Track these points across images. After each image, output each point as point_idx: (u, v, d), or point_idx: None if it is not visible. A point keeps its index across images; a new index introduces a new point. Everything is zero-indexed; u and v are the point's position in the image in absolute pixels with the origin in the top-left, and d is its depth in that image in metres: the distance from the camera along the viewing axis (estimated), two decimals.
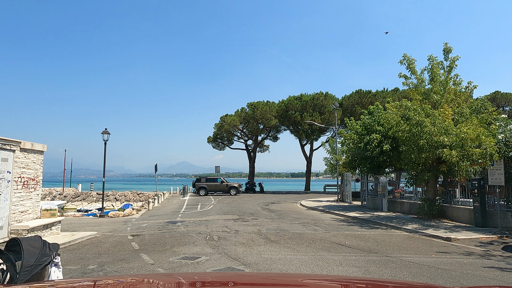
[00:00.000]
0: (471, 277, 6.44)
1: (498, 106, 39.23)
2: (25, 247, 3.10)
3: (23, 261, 2.97)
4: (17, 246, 3.11)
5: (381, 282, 2.37)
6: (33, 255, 3.10)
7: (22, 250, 3.07)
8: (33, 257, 3.12)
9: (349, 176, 25.86)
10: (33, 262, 3.10)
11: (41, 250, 3.23)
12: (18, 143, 10.12)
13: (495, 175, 12.43)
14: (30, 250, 3.11)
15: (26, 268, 2.99)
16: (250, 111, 42.78)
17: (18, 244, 3.09)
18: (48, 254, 3.28)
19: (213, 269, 7.00)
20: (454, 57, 14.52)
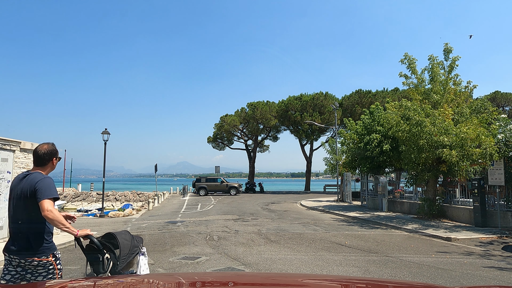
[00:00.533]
0: (471, 277, 6.44)
1: (498, 106, 39.25)
2: (120, 240, 3.65)
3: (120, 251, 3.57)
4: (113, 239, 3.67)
5: (381, 282, 2.37)
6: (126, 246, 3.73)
7: (118, 242, 3.63)
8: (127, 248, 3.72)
9: (349, 176, 25.86)
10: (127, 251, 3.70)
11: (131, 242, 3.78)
12: (18, 143, 10.12)
13: (495, 175, 12.43)
14: (124, 242, 3.71)
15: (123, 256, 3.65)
16: (250, 111, 42.79)
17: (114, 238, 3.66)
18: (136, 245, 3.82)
19: (213, 269, 7.01)
20: (455, 57, 14.53)
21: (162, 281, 2.22)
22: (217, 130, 45.71)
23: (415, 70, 15.04)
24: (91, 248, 3.63)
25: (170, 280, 2.29)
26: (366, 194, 21.99)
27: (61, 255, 8.17)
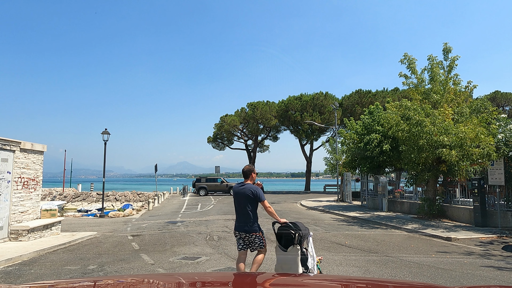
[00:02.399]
0: (471, 276, 6.44)
1: (498, 105, 39.25)
2: (300, 225, 5.47)
3: (301, 233, 5.33)
4: (296, 225, 5.42)
5: (381, 282, 2.37)
6: (304, 229, 5.50)
7: (299, 227, 5.43)
8: (305, 230, 5.48)
9: (349, 176, 25.86)
10: (305, 233, 5.44)
11: (304, 228, 5.52)
12: (18, 143, 10.12)
13: (495, 175, 12.43)
14: (302, 226, 5.51)
15: (304, 236, 5.41)
16: (250, 111, 42.78)
17: (296, 225, 5.42)
18: (307, 231, 5.58)
19: (213, 269, 7.01)
20: (454, 56, 14.53)
21: (162, 281, 2.22)
22: (217, 130, 45.70)
23: (415, 70, 15.04)
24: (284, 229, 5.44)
25: (170, 280, 2.29)
26: (366, 194, 21.99)
27: (61, 255, 8.13)
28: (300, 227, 5.38)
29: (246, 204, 5.31)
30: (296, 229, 5.33)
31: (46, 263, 7.63)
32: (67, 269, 7.07)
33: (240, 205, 5.39)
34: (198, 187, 33.83)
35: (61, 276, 6.58)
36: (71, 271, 6.92)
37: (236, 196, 5.49)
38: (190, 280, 2.23)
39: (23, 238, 9.74)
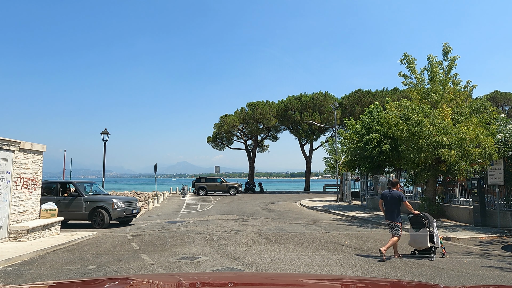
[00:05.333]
0: (471, 276, 6.45)
1: (497, 105, 39.27)
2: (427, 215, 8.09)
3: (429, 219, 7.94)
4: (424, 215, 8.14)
5: (381, 282, 2.38)
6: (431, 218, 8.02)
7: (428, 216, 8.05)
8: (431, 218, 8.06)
9: (349, 176, 25.87)
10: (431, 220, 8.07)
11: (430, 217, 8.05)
12: (18, 143, 10.11)
13: (495, 175, 12.44)
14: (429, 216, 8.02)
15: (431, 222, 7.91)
16: (250, 111, 42.79)
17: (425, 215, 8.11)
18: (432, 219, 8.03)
19: (213, 269, 7.00)
20: (453, 56, 14.53)
21: (162, 281, 2.22)
22: (216, 130, 45.69)
23: (415, 70, 15.04)
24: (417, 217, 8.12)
25: (170, 280, 2.29)
26: (366, 194, 22.00)
27: (60, 255, 8.15)
28: (428, 217, 8.02)
29: (393, 203, 8.07)
30: (426, 217, 8.02)
31: (45, 263, 7.62)
32: (67, 269, 7.07)
33: (388, 204, 8.15)
34: (197, 187, 33.82)
35: (61, 276, 6.58)
36: (71, 271, 6.91)
37: (385, 197, 8.28)
38: (190, 280, 2.23)
39: (22, 238, 9.73)
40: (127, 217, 13.97)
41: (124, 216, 13.58)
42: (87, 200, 13.38)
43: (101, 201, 13.30)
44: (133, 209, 14.13)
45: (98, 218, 13.11)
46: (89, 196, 13.77)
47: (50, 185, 14.22)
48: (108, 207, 13.12)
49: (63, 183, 14.61)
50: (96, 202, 13.28)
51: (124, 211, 13.43)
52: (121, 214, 13.29)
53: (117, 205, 13.18)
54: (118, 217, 13.31)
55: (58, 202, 13.14)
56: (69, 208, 13.37)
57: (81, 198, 13.39)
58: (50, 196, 13.66)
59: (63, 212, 13.19)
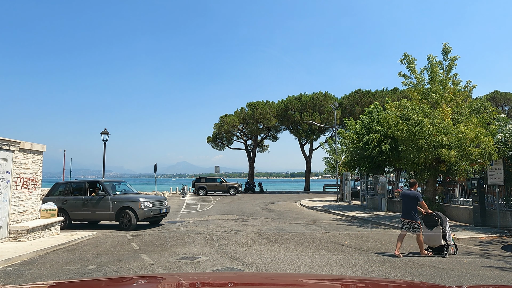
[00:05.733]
0: (471, 276, 6.45)
1: (497, 105, 39.29)
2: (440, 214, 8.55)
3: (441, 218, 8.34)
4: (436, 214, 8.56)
5: (380, 282, 2.38)
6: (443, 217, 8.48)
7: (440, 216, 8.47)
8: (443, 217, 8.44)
9: (349, 176, 25.86)
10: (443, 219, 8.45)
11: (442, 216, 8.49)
12: (17, 143, 10.11)
13: (495, 175, 12.44)
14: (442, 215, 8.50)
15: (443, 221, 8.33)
16: (250, 111, 42.79)
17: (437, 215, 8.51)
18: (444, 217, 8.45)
19: (212, 269, 7.00)
20: (453, 56, 14.53)
21: (162, 281, 2.22)
22: (216, 130, 45.69)
23: (414, 69, 15.04)
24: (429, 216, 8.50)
25: (170, 280, 2.29)
26: (366, 194, 22.00)
27: (60, 255, 8.15)
28: (440, 216, 8.41)
29: (410, 202, 8.41)
30: (438, 216, 8.41)
31: (45, 263, 7.62)
32: (67, 269, 7.06)
33: (405, 203, 8.54)
34: (197, 187, 33.82)
35: (61, 276, 6.58)
36: (71, 271, 6.91)
37: (404, 196, 8.67)
38: (190, 280, 2.23)
39: (22, 238, 9.73)
40: (155, 218, 13.25)
41: (152, 217, 12.83)
42: (114, 199, 12.67)
43: (127, 201, 12.59)
44: (162, 209, 13.27)
45: (125, 219, 12.43)
46: (116, 195, 13.06)
47: (80, 185, 13.76)
48: (134, 207, 12.38)
49: (92, 182, 13.88)
50: (123, 202, 12.58)
51: (152, 211, 12.63)
52: (148, 215, 12.52)
53: (143, 205, 12.40)
54: (146, 218, 12.59)
55: (86, 202, 12.91)
56: (97, 209, 12.79)
57: (108, 197, 12.72)
58: (79, 196, 13.29)
59: (91, 212, 12.87)
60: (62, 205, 13.05)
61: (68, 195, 13.45)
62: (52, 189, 14.03)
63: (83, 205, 12.96)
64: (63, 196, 13.50)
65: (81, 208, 12.99)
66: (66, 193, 13.56)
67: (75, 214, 13.14)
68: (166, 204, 13.72)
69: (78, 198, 13.16)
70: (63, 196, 13.50)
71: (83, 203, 12.97)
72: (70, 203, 13.18)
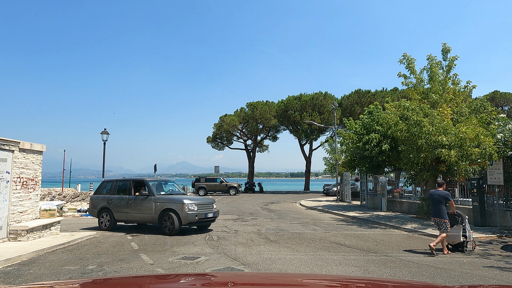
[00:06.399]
0: (470, 276, 6.45)
1: (497, 105, 39.31)
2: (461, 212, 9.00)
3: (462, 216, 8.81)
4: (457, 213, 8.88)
5: (380, 282, 2.38)
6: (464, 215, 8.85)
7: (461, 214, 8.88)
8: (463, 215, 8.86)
9: (349, 176, 25.86)
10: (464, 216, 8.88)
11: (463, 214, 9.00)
12: (17, 143, 10.11)
13: (494, 175, 12.44)
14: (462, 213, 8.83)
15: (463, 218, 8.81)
16: (250, 111, 42.79)
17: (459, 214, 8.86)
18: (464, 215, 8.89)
19: (212, 269, 7.00)
20: (453, 56, 14.53)
21: (161, 281, 2.22)
22: (216, 130, 45.69)
23: (414, 70, 15.04)
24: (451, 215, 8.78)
25: (169, 280, 2.29)
26: (366, 194, 22.00)
27: (60, 255, 8.14)
28: (460, 214, 8.91)
29: (439, 202, 8.66)
30: (459, 214, 8.88)
31: (45, 263, 7.62)
32: (66, 269, 7.06)
33: (435, 202, 8.74)
34: (197, 187, 33.83)
35: (60, 276, 6.58)
36: (70, 271, 6.91)
37: (433, 196, 8.84)
38: (190, 280, 2.23)
39: (22, 238, 9.72)
40: (201, 223, 11.80)
41: (197, 221, 11.44)
42: (157, 200, 11.62)
43: (170, 202, 11.43)
44: (209, 213, 11.75)
45: (168, 222, 11.28)
46: (160, 196, 11.97)
47: (125, 183, 12.89)
48: (177, 209, 11.17)
49: (137, 180, 12.91)
50: (166, 203, 11.45)
51: (197, 215, 11.24)
52: (193, 219, 11.18)
53: (188, 208, 11.12)
54: (190, 222, 11.34)
55: (130, 202, 12.18)
56: (140, 210, 11.92)
57: (151, 198, 11.73)
58: (123, 195, 12.53)
59: (134, 213, 12.07)
60: (107, 204, 12.58)
61: (113, 193, 12.78)
62: (99, 187, 13.53)
63: (127, 205, 12.22)
64: (109, 195, 12.85)
65: (125, 208, 12.26)
66: (111, 192, 12.88)
67: (119, 215, 12.41)
68: (214, 208, 12.25)
69: (122, 198, 12.44)
70: (109, 195, 12.85)
71: (126, 203, 12.24)
72: (114, 202, 12.52)
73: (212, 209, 12.07)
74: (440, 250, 8.60)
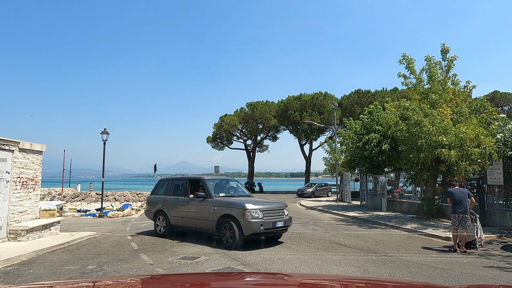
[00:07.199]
0: (470, 276, 6.45)
1: (497, 105, 39.32)
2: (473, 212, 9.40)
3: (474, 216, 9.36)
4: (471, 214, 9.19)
5: (380, 282, 2.37)
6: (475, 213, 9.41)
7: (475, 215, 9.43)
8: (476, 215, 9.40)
9: (348, 176, 25.86)
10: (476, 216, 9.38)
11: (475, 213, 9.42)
12: (17, 143, 10.10)
13: (494, 175, 12.45)
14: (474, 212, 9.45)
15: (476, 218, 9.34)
16: (250, 111, 42.80)
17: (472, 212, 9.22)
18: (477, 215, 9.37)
19: (212, 269, 7.00)
20: (452, 56, 14.55)
21: (161, 281, 2.22)
22: (216, 130, 45.70)
23: (414, 70, 15.06)
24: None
25: (169, 280, 2.29)
26: (365, 194, 22.01)
27: (60, 255, 8.15)
28: (473, 213, 9.29)
29: (464, 199, 8.98)
30: (472, 213, 9.23)
31: (45, 263, 7.62)
32: (66, 269, 7.06)
33: (461, 199, 9.00)
34: None
35: (60, 276, 6.58)
36: (70, 271, 6.91)
37: (457, 193, 9.12)
38: (190, 280, 2.22)
39: (22, 238, 9.72)
40: (268, 234, 9.32)
41: (262, 232, 8.90)
42: (214, 204, 9.54)
43: (229, 207, 9.20)
44: (278, 221, 9.18)
45: (228, 232, 9.04)
46: (219, 198, 9.82)
47: (181, 183, 11.10)
48: (238, 216, 8.88)
49: (194, 179, 10.93)
50: (224, 208, 9.28)
51: (262, 223, 8.80)
52: (257, 229, 8.73)
53: (251, 214, 8.80)
54: (254, 233, 8.84)
55: (185, 204, 10.34)
56: (196, 215, 10.01)
57: (208, 200, 9.74)
58: (179, 196, 10.76)
59: (190, 219, 10.14)
60: (162, 207, 11.03)
61: (169, 194, 11.14)
62: (156, 186, 12.13)
63: (182, 209, 10.44)
64: (165, 195, 11.26)
65: (180, 212, 10.47)
66: (167, 192, 11.25)
67: (174, 219, 10.66)
68: (285, 215, 9.67)
69: (177, 199, 10.71)
70: (165, 195, 11.26)
71: (182, 205, 10.46)
72: (169, 204, 10.86)
73: (283, 216, 9.55)
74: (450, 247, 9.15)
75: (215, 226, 9.39)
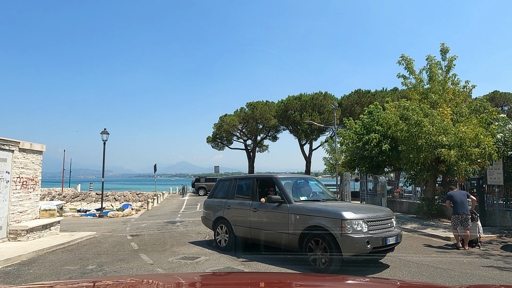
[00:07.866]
0: (470, 276, 6.45)
1: (497, 105, 39.33)
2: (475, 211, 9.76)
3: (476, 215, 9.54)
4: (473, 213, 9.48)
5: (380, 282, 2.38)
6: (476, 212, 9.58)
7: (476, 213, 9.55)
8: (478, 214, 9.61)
9: (348, 176, 25.84)
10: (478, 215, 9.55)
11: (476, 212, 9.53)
12: (17, 143, 10.11)
13: (494, 175, 12.44)
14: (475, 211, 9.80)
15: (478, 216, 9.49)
16: (250, 111, 42.80)
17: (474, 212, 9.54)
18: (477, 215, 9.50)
19: (212, 269, 7.00)
20: (452, 56, 14.54)
21: (161, 281, 2.22)
22: (216, 130, 45.71)
23: (413, 70, 15.04)
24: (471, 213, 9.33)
25: (169, 280, 2.29)
26: (365, 194, 22.00)
27: (60, 255, 8.17)
28: (476, 212, 9.51)
29: (464, 199, 9.30)
30: (474, 212, 9.46)
31: (45, 263, 7.62)
32: (66, 269, 7.06)
33: (463, 200, 9.29)
34: (197, 187, 33.85)
35: (60, 276, 6.58)
36: (70, 271, 6.91)
37: (456, 196, 9.43)
38: (189, 280, 2.23)
39: (22, 238, 9.72)
40: (376, 253, 6.97)
41: (370, 251, 6.54)
42: (295, 211, 7.31)
43: (318, 216, 6.90)
44: (389, 237, 6.83)
45: (319, 251, 6.75)
46: (301, 203, 7.59)
47: (247, 183, 9.06)
48: (333, 228, 6.57)
49: (264, 179, 8.81)
50: (311, 217, 6.98)
51: (369, 240, 6.45)
52: (362, 248, 6.41)
53: (351, 227, 6.48)
54: (358, 253, 6.50)
55: (254, 211, 8.18)
56: (269, 225, 7.87)
57: (285, 206, 7.52)
58: (245, 200, 8.70)
59: (262, 230, 7.99)
60: (224, 213, 9.02)
61: (232, 197, 9.11)
62: (214, 187, 10.09)
63: (250, 216, 8.29)
64: (226, 199, 9.24)
65: (247, 221, 8.34)
66: (229, 195, 9.23)
67: (240, 229, 8.57)
68: (394, 225, 7.42)
69: (243, 204, 8.61)
70: (226, 199, 9.24)
71: (249, 212, 8.29)
72: (232, 210, 8.83)
73: (391, 228, 7.25)
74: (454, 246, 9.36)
75: (297, 241, 7.18)
